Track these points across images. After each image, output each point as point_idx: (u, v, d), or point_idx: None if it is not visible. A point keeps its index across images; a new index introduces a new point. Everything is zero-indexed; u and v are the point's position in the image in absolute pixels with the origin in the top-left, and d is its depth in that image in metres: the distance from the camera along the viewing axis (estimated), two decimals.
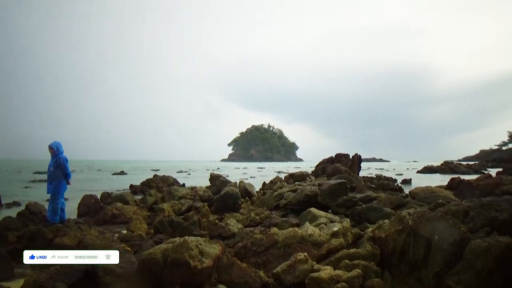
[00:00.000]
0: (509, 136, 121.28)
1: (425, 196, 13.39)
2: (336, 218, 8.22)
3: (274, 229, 5.84)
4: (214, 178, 16.07)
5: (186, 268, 4.32)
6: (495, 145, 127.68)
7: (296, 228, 5.64)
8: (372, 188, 19.58)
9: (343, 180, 10.14)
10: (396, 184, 22.26)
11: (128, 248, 5.20)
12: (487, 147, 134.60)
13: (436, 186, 16.57)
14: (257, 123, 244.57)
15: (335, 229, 5.38)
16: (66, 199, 16.37)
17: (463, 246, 4.04)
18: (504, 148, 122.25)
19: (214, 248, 4.97)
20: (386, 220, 6.11)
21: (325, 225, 6.62)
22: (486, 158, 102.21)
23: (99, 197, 13.29)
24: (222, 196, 11.34)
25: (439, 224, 4.35)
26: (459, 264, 3.95)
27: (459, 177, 17.58)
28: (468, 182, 16.19)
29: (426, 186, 15.19)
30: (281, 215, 9.83)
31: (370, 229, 5.99)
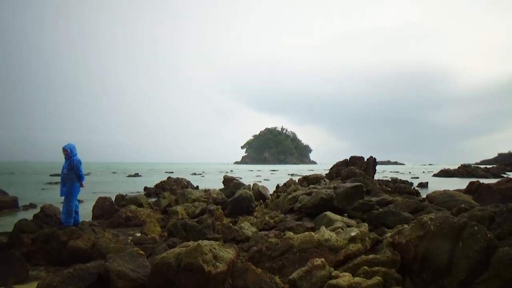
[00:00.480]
0: None
1: (443, 200, 13.05)
2: (353, 222, 8.03)
3: (290, 233, 5.70)
4: (227, 180, 16.00)
5: (200, 273, 4.22)
6: None
7: (312, 233, 5.49)
8: (388, 192, 19.26)
9: (359, 183, 9.92)
10: (412, 187, 21.86)
11: (141, 252, 5.13)
12: (505, 150, 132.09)
13: (454, 190, 16.19)
14: (270, 125, 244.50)
15: (353, 234, 5.21)
16: (80, 201, 16.48)
17: (490, 253, 3.83)
18: None
19: (228, 253, 4.85)
20: (406, 225, 5.92)
21: (342, 229, 6.45)
22: (505, 161, 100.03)
23: (113, 199, 13.37)
24: (235, 199, 11.24)
25: (463, 230, 4.15)
26: (486, 273, 3.74)
27: (478, 180, 17.09)
28: (488, 186, 15.72)
29: (444, 190, 14.83)
30: (296, 219, 9.66)
31: (388, 234, 5.80)
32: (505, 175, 46.99)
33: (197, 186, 24.96)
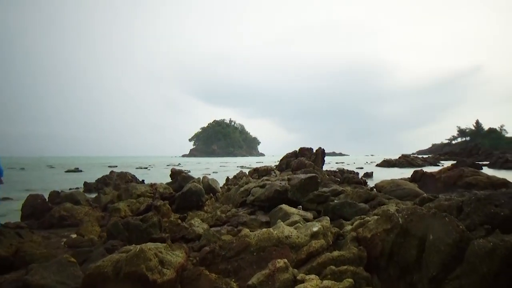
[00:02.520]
0: (458, 131, 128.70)
1: (391, 189, 13.28)
2: (309, 214, 7.69)
3: (246, 231, 5.17)
4: (175, 174, 15.14)
5: (144, 283, 3.57)
6: (446, 139, 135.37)
7: (271, 229, 4.99)
8: (337, 182, 19.45)
9: (314, 174, 9.64)
10: (360, 177, 22.34)
11: (72, 259, 4.34)
12: (438, 141, 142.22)
13: (399, 179, 16.67)
14: (218, 117, 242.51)
15: (315, 229, 4.79)
16: (8, 199, 14.75)
17: (463, 247, 3.57)
18: (454, 142, 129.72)
19: (177, 256, 4.24)
20: (366, 217, 5.63)
21: (301, 223, 6.07)
22: (438, 151, 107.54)
23: (47, 197, 12.07)
24: (184, 193, 10.51)
25: (433, 222, 3.86)
26: (460, 268, 3.47)
27: (422, 169, 17.75)
28: (431, 174, 16.35)
29: (392, 179, 15.14)
30: (249, 213, 9.19)
31: (348, 227, 5.48)
32: (439, 164, 50.23)
33: (143, 181, 23.67)
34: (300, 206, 9.20)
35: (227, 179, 19.61)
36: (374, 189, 14.95)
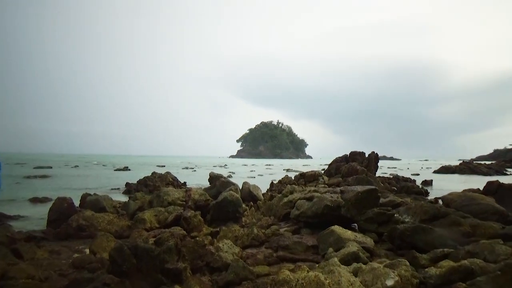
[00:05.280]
0: None
1: (462, 203, 11.18)
2: (368, 240, 6.05)
3: (285, 273, 3.65)
4: (213, 178, 13.93)
5: None
6: (510, 145, 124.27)
7: (321, 275, 3.44)
8: (394, 191, 17.39)
9: (373, 187, 7.90)
10: (420, 187, 20.00)
11: None
12: (501, 147, 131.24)
13: (466, 190, 14.54)
14: (265, 119, 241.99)
15: (390, 283, 3.18)
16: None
17: None
18: None
19: None
20: (463, 262, 3.89)
21: (361, 256, 4.47)
22: (502, 157, 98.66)
23: (79, 199, 11.34)
24: (219, 203, 9.18)
25: None
26: None
27: (497, 180, 15.14)
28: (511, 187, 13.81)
29: (463, 191, 13.03)
30: (292, 230, 7.68)
31: (433, 271, 3.79)
32: (507, 172, 45.39)
33: (185, 183, 22.89)
34: (356, 225, 7.57)
35: (272, 184, 18.16)
36: (439, 201, 13.03)
